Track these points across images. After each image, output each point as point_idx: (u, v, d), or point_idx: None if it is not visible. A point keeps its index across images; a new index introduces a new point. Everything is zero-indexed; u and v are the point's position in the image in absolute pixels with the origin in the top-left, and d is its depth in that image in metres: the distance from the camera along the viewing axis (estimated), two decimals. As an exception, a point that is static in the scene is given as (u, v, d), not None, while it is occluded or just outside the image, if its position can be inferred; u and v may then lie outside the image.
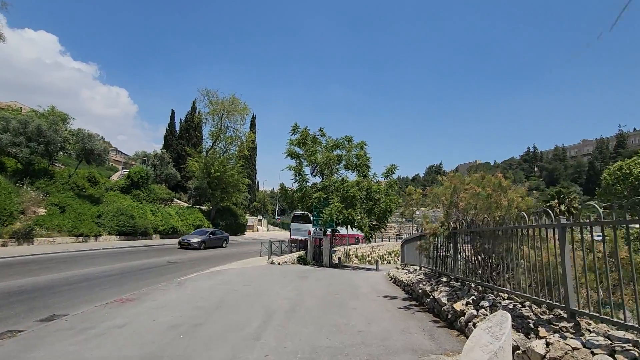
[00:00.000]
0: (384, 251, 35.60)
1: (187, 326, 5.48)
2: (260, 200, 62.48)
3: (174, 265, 14.66)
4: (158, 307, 6.78)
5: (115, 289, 9.49)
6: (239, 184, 35.36)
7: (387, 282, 11.09)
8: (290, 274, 12.68)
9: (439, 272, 7.09)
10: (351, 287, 9.57)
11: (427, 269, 8.38)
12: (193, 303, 7.17)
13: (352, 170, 21.50)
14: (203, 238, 22.31)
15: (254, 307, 6.85)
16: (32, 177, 22.85)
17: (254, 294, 8.32)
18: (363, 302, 7.22)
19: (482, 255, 5.33)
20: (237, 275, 11.67)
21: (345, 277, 12.65)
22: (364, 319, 5.87)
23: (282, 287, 9.35)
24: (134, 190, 30.39)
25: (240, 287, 9.18)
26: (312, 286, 9.81)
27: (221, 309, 6.66)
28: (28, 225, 17.34)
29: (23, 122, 22.74)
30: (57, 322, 5.83)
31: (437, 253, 7.11)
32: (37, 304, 7.67)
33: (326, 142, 21.99)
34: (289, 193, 22.14)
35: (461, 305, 4.97)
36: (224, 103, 33.47)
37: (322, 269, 15.98)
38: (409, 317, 5.91)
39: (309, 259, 19.86)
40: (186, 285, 9.40)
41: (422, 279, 7.34)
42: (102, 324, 5.58)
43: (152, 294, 8.24)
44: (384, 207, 19.78)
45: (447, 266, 6.82)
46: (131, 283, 10.43)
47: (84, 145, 25.05)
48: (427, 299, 6.47)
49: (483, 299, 4.82)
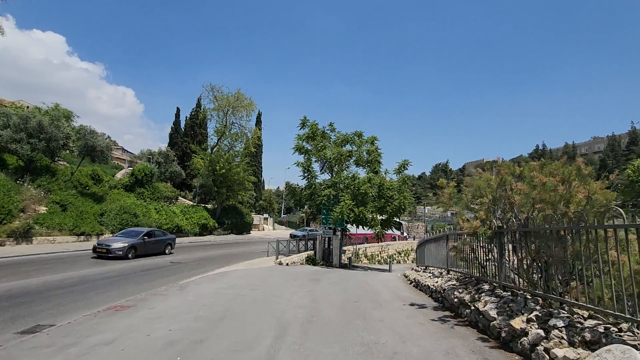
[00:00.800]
0: (393, 250, 34.60)
1: (186, 343, 4.61)
2: (266, 198, 61.75)
3: (177, 266, 13.87)
4: (155, 318, 5.93)
5: (112, 293, 8.69)
6: (245, 182, 34.55)
7: (407, 286, 10.15)
8: (300, 276, 11.80)
9: (477, 278, 6.13)
10: (370, 293, 8.65)
11: (458, 273, 7.43)
12: (195, 312, 6.31)
13: (363, 167, 20.56)
14: (132, 242, 14.93)
15: (263, 318, 5.97)
16: (34, 175, 22.25)
17: (263, 300, 7.45)
18: (389, 312, 6.30)
19: (544, 260, 4.37)
20: (243, 277, 10.82)
21: (360, 279, 11.73)
22: (396, 334, 4.95)
23: (293, 292, 8.47)
24: (138, 188, 29.75)
25: (247, 292, 8.32)
26: (327, 291, 8.92)
27: (226, 320, 5.79)
28: (27, 223, 16.70)
29: (24, 118, 22.14)
30: (37, 336, 5.00)
31: (473, 256, 6.16)
32: (21, 311, 6.88)
33: (335, 137, 21.08)
34: (297, 190, 21.26)
35: (521, 323, 4.03)
36: (229, 98, 32.63)
37: (333, 270, 15.08)
38: (449, 333, 4.98)
39: (318, 259, 19.00)
40: (188, 289, 8.56)
41: (456, 286, 6.39)
42: (87, 340, 4.74)
43: (150, 300, 7.41)
44: (397, 204, 18.81)
45: (487, 271, 5.87)
46: (130, 286, 9.63)
47: (86, 141, 24.41)
48: (466, 310, 5.52)
49: (551, 316, 3.87)
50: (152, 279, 10.83)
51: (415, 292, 8.78)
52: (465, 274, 6.82)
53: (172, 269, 13.25)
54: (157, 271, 12.42)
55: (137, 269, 12.57)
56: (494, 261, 5.57)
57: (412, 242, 38.79)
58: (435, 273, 8.90)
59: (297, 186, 21.84)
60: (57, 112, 24.76)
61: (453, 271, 7.73)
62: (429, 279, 8.51)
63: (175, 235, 27.74)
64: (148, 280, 10.55)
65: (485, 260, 5.90)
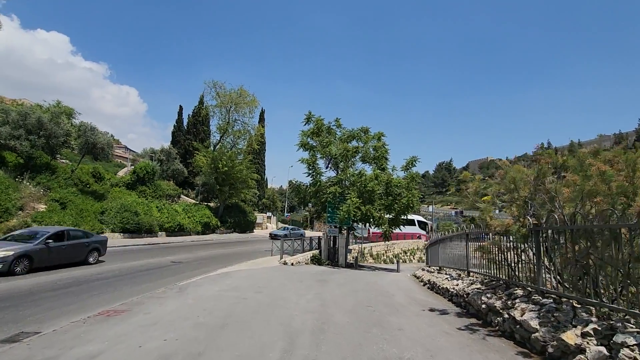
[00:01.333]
0: (399, 249, 33.88)
1: (182, 356, 4.04)
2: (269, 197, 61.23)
3: (178, 266, 13.34)
4: (150, 324, 5.37)
5: (107, 296, 8.15)
6: (248, 180, 33.99)
7: (421, 288, 9.53)
8: (306, 276, 11.22)
9: (506, 282, 5.50)
10: (383, 296, 8.04)
11: (480, 275, 6.80)
12: (194, 318, 5.75)
13: (370, 163, 19.89)
14: (23, 249, 10.05)
15: (269, 325, 5.39)
16: (33, 172, 21.83)
17: (268, 304, 6.87)
18: (407, 319, 5.69)
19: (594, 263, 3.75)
20: (247, 278, 10.26)
21: (370, 280, 11.13)
22: (421, 347, 4.34)
23: (300, 295, 7.89)
24: (139, 186, 29.28)
25: (251, 295, 7.75)
26: (336, 293, 8.33)
27: (228, 328, 5.21)
28: (24, 222, 16.23)
29: (23, 114, 21.69)
30: (15, 347, 4.45)
31: (502, 257, 5.54)
32: (7, 315, 6.34)
33: (341, 133, 20.43)
34: (302, 188, 20.65)
35: (574, 337, 3.41)
36: (231, 95, 32.04)
37: (339, 270, 14.49)
38: (482, 346, 4.36)
39: (324, 258, 18.41)
40: (188, 292, 8.00)
41: (482, 290, 5.77)
42: (71, 352, 4.18)
43: (146, 303, 6.86)
44: (405, 202, 18.16)
45: (517, 274, 5.24)
46: (126, 288, 9.09)
47: (87, 138, 23.96)
48: (497, 318, 4.91)
49: (613, 330, 3.25)
50: (151, 280, 10.29)
51: (431, 295, 8.15)
52: (490, 276, 6.19)
53: (172, 268, 12.71)
54: (157, 271, 11.88)
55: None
56: (527, 263, 4.95)
57: (417, 241, 38.08)
58: (452, 274, 8.27)
59: (301, 184, 21.24)
60: (58, 109, 24.32)
61: (474, 273, 7.10)
62: (447, 281, 7.89)
63: (178, 233, 27.43)
64: (142, 282, 9.99)
65: (515, 261, 5.27)
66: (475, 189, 5.57)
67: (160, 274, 11.49)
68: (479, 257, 6.34)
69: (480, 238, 6.95)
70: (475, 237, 7.12)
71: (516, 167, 5.03)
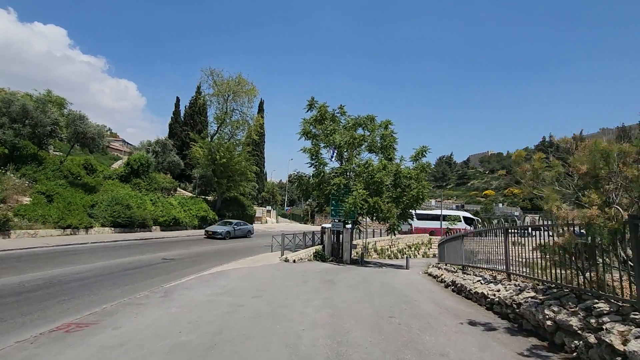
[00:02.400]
0: (403, 244, 32.76)
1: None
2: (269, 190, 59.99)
3: (169, 264, 12.11)
4: (115, 346, 4.14)
5: (77, 302, 6.89)
6: (247, 172, 32.64)
7: (443, 291, 8.31)
8: (311, 276, 10.01)
9: (578, 291, 4.26)
10: (404, 302, 6.82)
11: (529, 279, 5.56)
12: (174, 336, 4.52)
13: (377, 153, 18.60)
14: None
15: (271, 346, 4.16)
16: (18, 163, 20.53)
17: (268, 314, 5.65)
18: (447, 338, 4.45)
19: None
20: (244, 278, 9.04)
21: (382, 280, 9.91)
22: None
23: (307, 301, 6.67)
24: (134, 178, 27.97)
25: (248, 301, 6.53)
26: (348, 298, 7.11)
27: (217, 351, 3.99)
28: (3, 215, 14.97)
29: (6, 101, 20.35)
30: None
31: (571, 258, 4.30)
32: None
33: (346, 121, 19.11)
34: (304, 179, 19.37)
35: None
36: (229, 83, 30.53)
37: (346, 268, 13.30)
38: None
39: (327, 254, 17.20)
40: (174, 297, 6.78)
41: (540, 300, 4.54)
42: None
43: (120, 312, 5.64)
44: (414, 194, 16.92)
45: (595, 283, 4.01)
46: (104, 291, 7.85)
47: (76, 127, 22.55)
48: (575, 342, 3.68)
49: None
50: (135, 280, 9.06)
51: (461, 301, 6.93)
52: (545, 282, 4.95)
53: (163, 267, 11.49)
54: (145, 270, 10.66)
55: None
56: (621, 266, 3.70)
57: (422, 236, 36.95)
58: (485, 276, 7.04)
59: (303, 175, 19.96)
60: (47, 98, 22.91)
61: (519, 277, 5.85)
62: (480, 284, 6.66)
63: (173, 228, 26.21)
64: (124, 284, 8.74)
65: (590, 264, 4.03)
66: (536, 169, 4.31)
67: (147, 273, 10.25)
68: (528, 257, 5.08)
69: (525, 234, 5.73)
70: (522, 232, 5.90)
71: (602, 145, 3.76)
